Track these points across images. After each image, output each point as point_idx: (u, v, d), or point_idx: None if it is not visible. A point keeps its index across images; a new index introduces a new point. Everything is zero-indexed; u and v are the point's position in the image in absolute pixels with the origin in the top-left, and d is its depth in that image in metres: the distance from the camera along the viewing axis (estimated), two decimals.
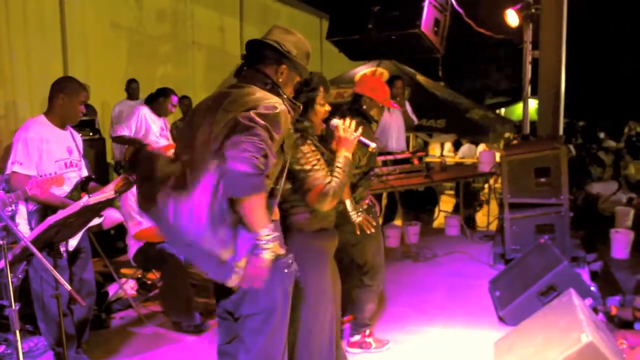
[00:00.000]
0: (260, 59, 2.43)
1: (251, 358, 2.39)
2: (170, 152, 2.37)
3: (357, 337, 3.83)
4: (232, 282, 2.19)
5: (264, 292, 2.29)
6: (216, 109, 2.27)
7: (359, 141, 2.83)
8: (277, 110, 2.20)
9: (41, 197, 3.12)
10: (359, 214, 3.32)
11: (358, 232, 3.32)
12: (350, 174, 2.73)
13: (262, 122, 2.13)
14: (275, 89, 2.38)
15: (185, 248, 2.28)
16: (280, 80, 2.42)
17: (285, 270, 2.37)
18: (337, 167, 2.64)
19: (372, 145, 2.99)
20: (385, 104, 3.86)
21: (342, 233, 3.04)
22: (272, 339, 2.38)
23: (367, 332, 3.85)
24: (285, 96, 2.39)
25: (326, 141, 2.90)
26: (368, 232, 3.33)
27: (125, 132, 5.48)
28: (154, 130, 5.47)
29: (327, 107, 2.83)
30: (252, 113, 2.14)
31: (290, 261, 2.40)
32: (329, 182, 2.58)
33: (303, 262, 2.55)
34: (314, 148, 2.69)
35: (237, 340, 2.47)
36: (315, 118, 2.78)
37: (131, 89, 6.99)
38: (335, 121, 2.80)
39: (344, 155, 2.68)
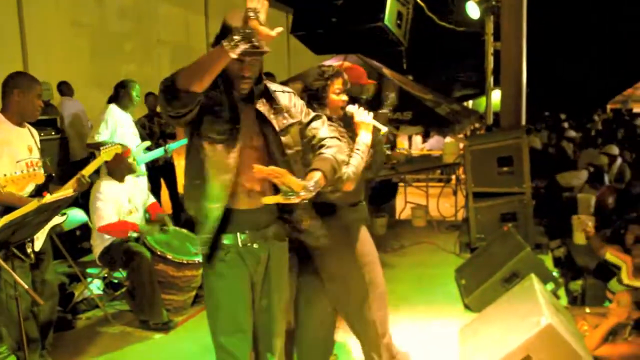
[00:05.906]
0: None
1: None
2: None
3: None
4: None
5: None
6: None
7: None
8: None
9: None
10: None
11: None
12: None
13: None
14: None
15: None
16: None
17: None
18: (357, 151, 2.72)
19: (384, 129, 3.06)
20: (365, 82, 3.88)
21: None
22: None
23: None
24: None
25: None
26: None
27: (103, 137, 5.07)
28: (128, 129, 5.29)
29: (344, 97, 2.92)
30: None
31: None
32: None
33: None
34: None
35: None
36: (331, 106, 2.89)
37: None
38: (350, 108, 2.92)
39: (363, 142, 2.76)
